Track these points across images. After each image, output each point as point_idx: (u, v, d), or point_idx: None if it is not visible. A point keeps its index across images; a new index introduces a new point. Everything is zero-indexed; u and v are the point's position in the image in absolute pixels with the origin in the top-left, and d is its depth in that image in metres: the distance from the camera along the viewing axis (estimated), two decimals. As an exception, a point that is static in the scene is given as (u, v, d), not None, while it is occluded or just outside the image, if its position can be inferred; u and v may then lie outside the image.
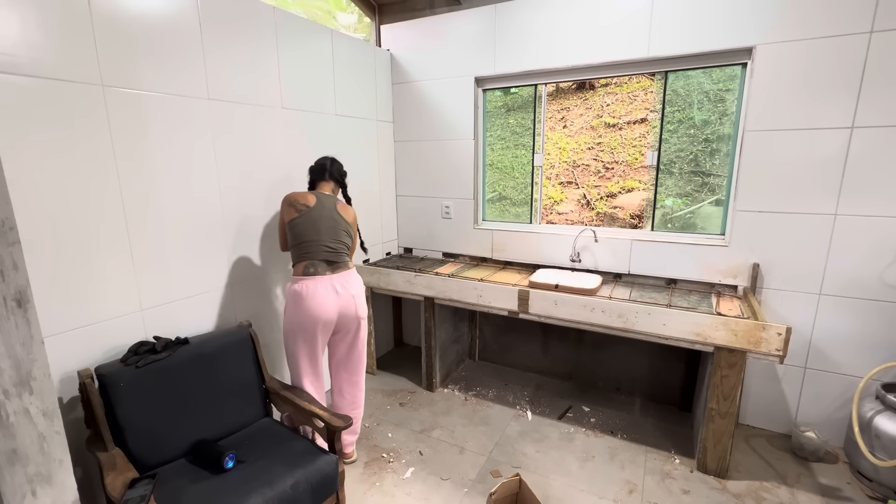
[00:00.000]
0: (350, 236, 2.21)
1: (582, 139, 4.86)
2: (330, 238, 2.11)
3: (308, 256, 2.08)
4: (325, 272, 2.08)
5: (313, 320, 2.04)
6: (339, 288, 2.09)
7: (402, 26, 3.20)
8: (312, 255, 2.08)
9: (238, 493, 1.52)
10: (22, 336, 0.76)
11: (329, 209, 2.15)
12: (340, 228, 2.15)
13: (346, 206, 2.26)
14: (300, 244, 2.09)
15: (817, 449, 2.30)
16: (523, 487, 1.85)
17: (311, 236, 2.09)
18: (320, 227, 2.10)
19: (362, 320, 2.20)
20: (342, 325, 2.15)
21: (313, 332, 2.07)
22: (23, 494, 0.77)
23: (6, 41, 1.43)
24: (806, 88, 2.18)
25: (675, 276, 2.64)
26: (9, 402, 0.74)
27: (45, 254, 1.56)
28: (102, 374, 1.62)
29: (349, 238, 2.20)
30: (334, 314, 2.08)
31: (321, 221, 2.11)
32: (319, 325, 2.06)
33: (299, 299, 2.04)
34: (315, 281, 2.05)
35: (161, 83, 1.87)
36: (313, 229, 2.09)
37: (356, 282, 2.18)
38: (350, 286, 2.13)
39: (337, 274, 2.10)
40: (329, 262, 2.10)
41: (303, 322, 2.05)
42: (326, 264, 2.10)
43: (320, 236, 2.09)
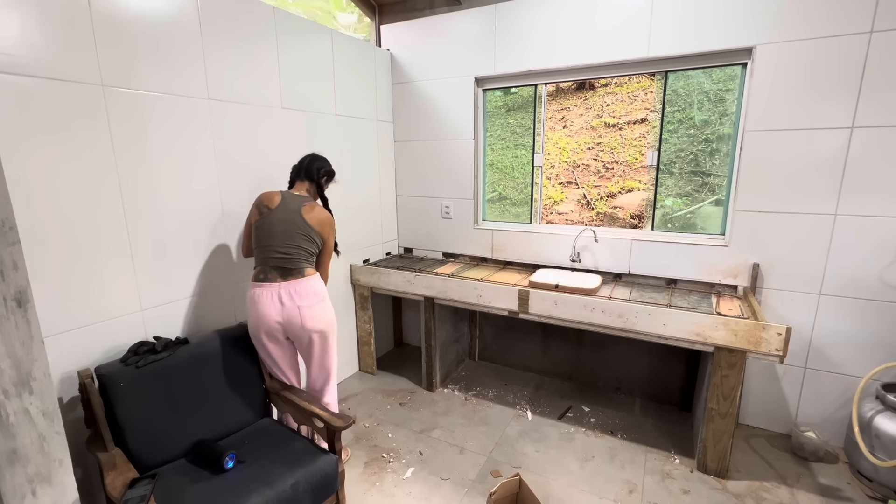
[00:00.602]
0: (313, 241, 2.04)
1: (582, 139, 4.86)
2: (284, 243, 1.97)
3: (261, 262, 2.00)
4: (274, 279, 1.97)
5: (257, 327, 1.98)
6: (284, 297, 1.95)
7: (402, 26, 3.20)
8: (265, 261, 1.98)
9: (238, 493, 1.52)
10: (22, 336, 0.76)
11: (291, 212, 2.01)
12: (298, 232, 2.00)
13: (316, 209, 2.08)
14: (257, 248, 2.01)
15: (817, 449, 2.30)
16: (523, 487, 1.85)
17: (266, 241, 1.98)
18: (275, 231, 1.98)
19: (314, 334, 2.01)
20: (291, 334, 2.02)
21: (260, 337, 2.00)
22: (23, 494, 0.77)
23: (6, 41, 1.43)
24: (806, 88, 2.18)
25: (675, 276, 2.64)
26: (9, 402, 0.74)
27: (45, 254, 1.56)
28: (102, 374, 1.62)
29: (310, 243, 2.03)
30: (276, 324, 1.97)
31: (277, 225, 1.98)
32: (262, 332, 1.98)
33: (249, 304, 1.99)
34: (262, 288, 1.96)
35: (161, 83, 1.87)
36: (268, 234, 1.98)
37: (308, 292, 2.00)
38: (299, 296, 1.97)
39: (287, 282, 1.97)
40: (281, 269, 1.98)
41: (252, 327, 2.01)
42: (277, 271, 1.97)
43: (273, 241, 1.97)
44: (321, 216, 2.08)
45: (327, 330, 2.06)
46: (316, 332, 2.01)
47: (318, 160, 2.20)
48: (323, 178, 2.19)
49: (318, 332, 2.02)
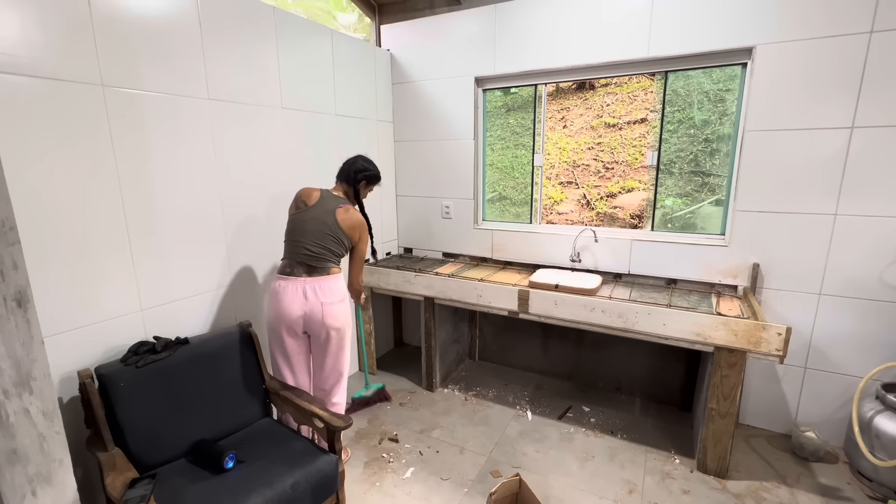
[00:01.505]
0: (341, 244, 2.10)
1: (582, 139, 4.86)
2: (313, 242, 2.04)
3: (289, 256, 2.07)
4: (300, 274, 2.03)
5: (278, 319, 2.03)
6: (309, 292, 2.01)
7: (402, 26, 3.20)
8: (294, 255, 2.05)
9: (238, 493, 1.52)
10: (22, 336, 0.76)
11: (326, 211, 2.07)
12: (328, 234, 2.05)
13: (350, 211, 2.11)
14: (287, 241, 2.09)
15: (817, 449, 2.30)
16: (523, 487, 1.85)
17: (297, 236, 2.05)
18: (307, 228, 2.05)
19: (332, 330, 2.06)
20: (310, 329, 2.07)
21: (279, 330, 2.06)
22: (23, 494, 0.77)
23: (6, 41, 1.43)
24: (806, 88, 2.18)
25: (675, 276, 2.64)
26: (9, 402, 0.74)
27: (45, 254, 1.56)
28: (102, 374, 1.62)
29: (339, 245, 2.09)
30: (298, 318, 2.02)
31: (310, 223, 2.05)
32: (283, 325, 2.04)
33: (272, 296, 2.05)
34: (287, 282, 2.02)
35: (161, 83, 1.87)
36: (300, 230, 2.05)
37: (332, 290, 2.05)
38: (322, 293, 2.02)
39: (312, 278, 2.03)
40: (307, 266, 2.04)
41: (272, 319, 2.07)
42: (303, 267, 2.04)
43: (304, 238, 2.04)
44: (353, 220, 2.11)
45: (344, 329, 2.11)
46: (334, 329, 2.06)
47: (359, 162, 2.21)
48: (360, 181, 2.20)
49: (336, 329, 2.07)
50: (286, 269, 2.06)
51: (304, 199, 2.09)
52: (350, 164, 2.20)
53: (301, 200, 2.10)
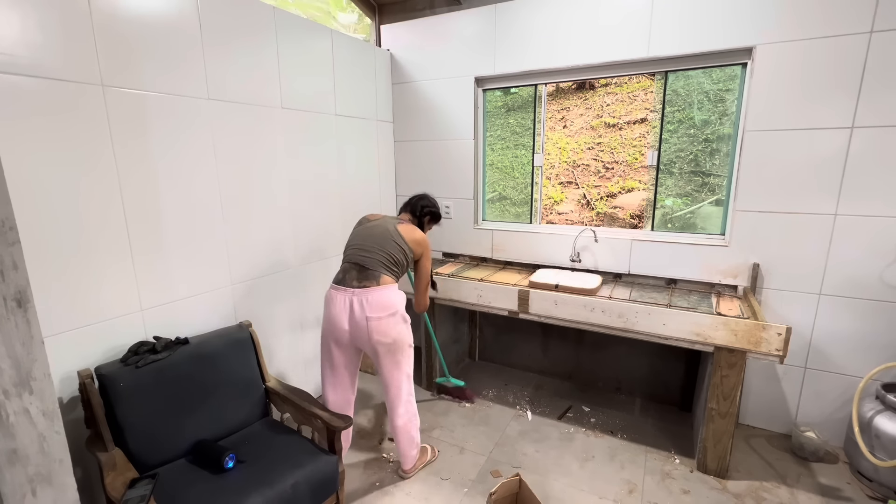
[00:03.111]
0: (402, 252, 2.05)
1: (582, 139, 4.86)
2: (372, 244, 2.02)
3: (344, 261, 2.07)
4: (350, 283, 1.98)
5: (327, 330, 2.05)
6: (356, 305, 1.94)
7: (402, 26, 3.20)
8: (349, 257, 2.05)
9: (238, 493, 1.52)
10: (22, 336, 0.76)
11: (389, 224, 2.10)
12: (391, 239, 2.04)
13: (414, 229, 2.14)
14: (345, 250, 2.10)
15: (817, 449, 2.30)
16: (523, 487, 1.85)
17: (355, 242, 2.07)
18: (369, 234, 2.07)
19: (380, 346, 1.98)
20: (359, 343, 2.03)
21: (328, 340, 2.07)
22: (23, 494, 0.77)
23: (6, 41, 1.43)
24: (806, 88, 2.18)
25: (675, 276, 2.64)
26: (9, 402, 0.74)
27: (45, 254, 1.56)
28: (102, 374, 1.62)
29: (399, 252, 2.04)
30: (344, 331, 1.99)
31: (373, 229, 2.08)
32: (332, 336, 2.04)
33: (325, 304, 2.06)
34: (337, 291, 2.00)
35: (161, 83, 1.87)
36: (359, 236, 2.09)
37: (380, 303, 1.95)
38: (370, 307, 1.93)
39: (361, 289, 1.95)
40: (360, 268, 1.99)
41: (322, 328, 2.09)
42: (356, 271, 1.99)
43: (365, 242, 2.04)
44: (417, 236, 2.12)
45: (395, 344, 2.00)
46: (382, 345, 1.98)
47: (425, 199, 2.31)
48: (426, 216, 2.28)
49: (384, 345, 1.98)
50: (339, 275, 2.05)
51: (368, 217, 2.17)
52: (418, 199, 2.29)
53: (364, 218, 2.18)
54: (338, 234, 2.95)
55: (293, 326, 2.68)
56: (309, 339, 2.81)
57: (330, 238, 2.89)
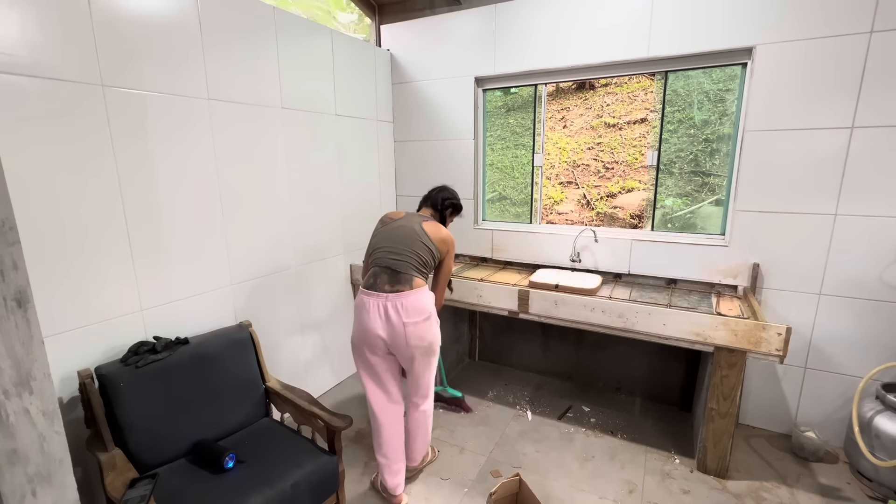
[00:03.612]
0: (430, 252, 2.00)
1: (582, 139, 4.86)
2: (400, 245, 1.96)
3: (373, 265, 1.99)
4: (382, 287, 1.91)
5: (360, 338, 1.95)
6: (391, 311, 1.88)
7: (402, 26, 3.20)
8: (378, 261, 1.97)
9: (238, 493, 1.52)
10: (22, 336, 0.76)
11: (414, 222, 2.03)
12: (418, 240, 1.98)
13: (439, 226, 2.08)
14: (371, 254, 2.01)
15: (817, 449, 2.30)
16: (523, 487, 1.85)
17: (382, 244, 1.99)
18: (396, 235, 1.99)
19: (416, 350, 1.93)
20: (395, 350, 1.95)
21: (361, 348, 1.97)
22: (23, 494, 0.77)
23: (6, 41, 1.43)
24: (806, 88, 2.18)
25: (675, 276, 2.64)
26: (9, 402, 0.74)
27: (45, 254, 1.56)
28: (102, 374, 1.62)
29: (427, 253, 1.99)
30: (380, 338, 1.91)
31: (399, 230, 2.00)
32: (365, 344, 1.94)
33: (355, 311, 1.97)
34: (369, 297, 1.91)
35: (161, 83, 1.87)
36: (385, 237, 2.00)
37: (416, 307, 1.90)
38: (406, 312, 1.88)
39: (394, 293, 1.89)
40: (391, 272, 1.93)
41: (354, 335, 1.99)
42: (388, 275, 1.92)
43: (393, 243, 1.97)
44: (442, 233, 2.06)
45: (430, 347, 1.99)
46: (419, 349, 1.94)
47: (446, 191, 2.24)
48: (447, 208, 2.22)
49: (421, 349, 1.95)
50: (369, 280, 1.96)
51: (390, 216, 2.09)
52: (438, 192, 2.23)
53: (387, 217, 2.09)
54: (338, 234, 2.95)
55: (293, 326, 2.68)
56: (309, 339, 2.81)
57: (330, 238, 2.89)
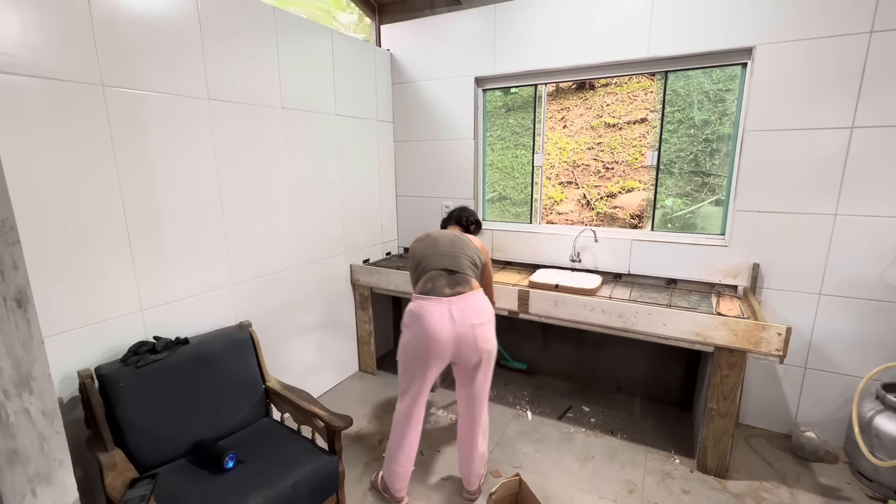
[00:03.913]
0: (478, 257, 2.01)
1: (582, 139, 4.86)
2: (453, 249, 1.96)
3: (426, 270, 1.93)
4: (442, 290, 1.85)
5: (422, 346, 1.84)
6: (455, 314, 1.82)
7: (402, 26, 3.20)
8: (430, 265, 1.92)
9: (238, 493, 1.52)
10: (22, 336, 0.76)
11: (452, 233, 2.06)
12: (466, 243, 2.00)
13: (472, 237, 2.12)
14: (422, 261, 1.96)
15: (817, 449, 2.30)
16: (523, 487, 1.85)
17: (432, 250, 1.97)
18: (441, 241, 1.99)
19: (484, 353, 1.89)
20: (461, 355, 1.88)
21: (426, 358, 1.85)
22: (23, 494, 0.77)
23: (6, 41, 1.43)
24: (806, 88, 2.18)
25: (675, 276, 2.64)
26: (9, 402, 0.74)
27: (45, 254, 1.56)
28: (102, 374, 1.62)
29: (476, 257, 2.00)
30: (448, 343, 1.83)
31: (445, 237, 2.02)
32: (430, 351, 1.84)
33: (413, 319, 1.86)
34: (431, 302, 1.83)
35: (161, 83, 1.87)
36: (435, 245, 1.98)
37: (480, 308, 1.88)
38: (471, 314, 1.84)
39: (456, 297, 1.85)
40: (449, 273, 1.89)
41: (415, 345, 1.87)
42: (445, 278, 1.88)
43: (444, 248, 1.96)
44: (479, 242, 2.11)
45: (494, 351, 1.96)
46: (486, 352, 1.90)
47: (467, 210, 2.33)
48: (472, 224, 2.29)
49: (488, 352, 1.91)
50: (427, 285, 1.89)
51: (426, 232, 2.09)
52: (461, 212, 2.30)
53: (421, 235, 2.08)
54: (338, 234, 2.95)
55: (293, 326, 2.68)
56: (309, 340, 2.81)
57: (330, 238, 2.89)
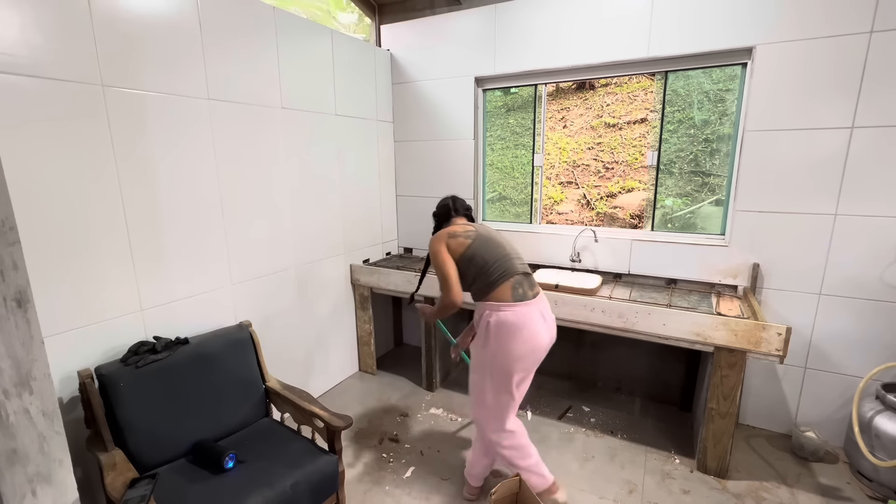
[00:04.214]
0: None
1: (582, 139, 4.86)
2: (514, 250, 1.86)
3: (507, 274, 1.75)
4: (528, 294, 1.77)
5: (529, 351, 1.73)
6: (546, 314, 1.79)
7: (402, 26, 3.20)
8: (510, 269, 1.77)
9: (238, 493, 1.52)
10: (22, 336, 0.76)
11: (494, 230, 1.92)
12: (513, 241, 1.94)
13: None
14: (491, 266, 1.76)
15: (817, 449, 2.30)
16: (523, 487, 1.85)
17: (498, 251, 1.79)
18: (497, 241, 1.83)
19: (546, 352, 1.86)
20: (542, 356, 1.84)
21: (525, 363, 1.75)
22: (23, 494, 0.77)
23: (6, 41, 1.43)
24: (806, 88, 2.18)
25: (675, 276, 2.64)
26: (9, 402, 0.74)
27: (45, 254, 1.56)
28: (102, 374, 1.62)
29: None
30: (544, 351, 1.79)
31: (493, 236, 1.85)
32: (531, 359, 1.76)
33: (514, 330, 1.70)
34: (527, 307, 1.73)
35: (161, 83, 1.87)
36: (495, 246, 1.81)
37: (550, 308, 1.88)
38: (550, 313, 1.84)
39: (536, 298, 1.79)
40: (525, 276, 1.82)
41: (519, 352, 1.72)
42: (526, 281, 1.80)
43: (506, 250, 1.81)
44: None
45: None
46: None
47: (460, 199, 2.09)
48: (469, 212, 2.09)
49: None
50: (517, 289, 1.74)
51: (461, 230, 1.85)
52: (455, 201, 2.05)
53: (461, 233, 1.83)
54: (338, 234, 2.95)
55: (293, 326, 2.68)
56: (309, 340, 2.81)
57: (330, 238, 2.89)
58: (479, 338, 1.81)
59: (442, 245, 1.80)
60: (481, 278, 1.78)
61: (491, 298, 1.76)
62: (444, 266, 1.78)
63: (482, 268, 1.78)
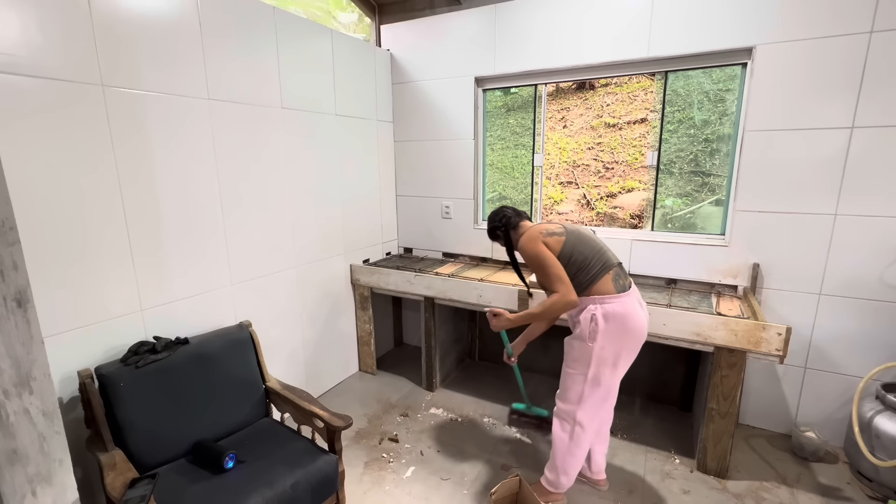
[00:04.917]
0: None
1: (582, 139, 4.86)
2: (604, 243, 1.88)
3: (606, 267, 1.78)
4: (627, 286, 1.80)
5: (633, 342, 1.78)
6: (641, 301, 1.84)
7: (402, 26, 3.21)
8: (608, 262, 1.79)
9: (238, 493, 1.52)
10: (22, 336, 0.76)
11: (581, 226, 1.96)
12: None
13: None
14: (592, 260, 1.78)
15: (817, 449, 2.30)
16: (523, 487, 1.85)
17: (594, 246, 1.82)
18: (589, 236, 1.86)
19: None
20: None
21: (627, 355, 1.80)
22: (23, 494, 0.77)
23: (6, 41, 1.43)
24: (806, 88, 2.18)
25: (675, 276, 2.64)
26: (9, 402, 0.74)
27: (45, 254, 1.56)
28: (102, 374, 1.62)
29: None
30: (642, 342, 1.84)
31: (583, 231, 1.88)
32: (633, 352, 1.81)
33: (623, 320, 1.73)
34: (630, 297, 1.77)
35: (161, 83, 1.87)
36: (590, 241, 1.83)
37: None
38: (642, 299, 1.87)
39: (633, 289, 1.83)
40: (621, 268, 1.83)
41: (624, 345, 1.76)
42: (623, 273, 1.83)
43: (600, 244, 1.84)
44: None
45: None
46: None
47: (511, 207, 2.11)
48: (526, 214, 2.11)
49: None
50: (618, 281, 1.77)
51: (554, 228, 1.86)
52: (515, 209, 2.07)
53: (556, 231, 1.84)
54: (338, 233, 2.95)
55: (293, 326, 2.68)
56: (309, 339, 2.81)
57: (330, 238, 2.89)
58: (582, 332, 1.79)
59: (540, 244, 1.79)
60: (581, 273, 1.78)
61: (593, 292, 1.76)
62: (553, 266, 1.75)
63: (582, 263, 1.78)
